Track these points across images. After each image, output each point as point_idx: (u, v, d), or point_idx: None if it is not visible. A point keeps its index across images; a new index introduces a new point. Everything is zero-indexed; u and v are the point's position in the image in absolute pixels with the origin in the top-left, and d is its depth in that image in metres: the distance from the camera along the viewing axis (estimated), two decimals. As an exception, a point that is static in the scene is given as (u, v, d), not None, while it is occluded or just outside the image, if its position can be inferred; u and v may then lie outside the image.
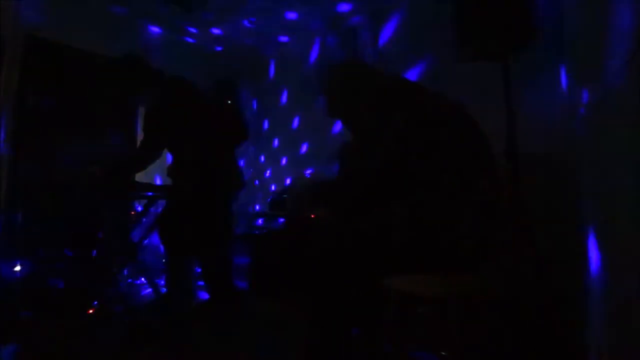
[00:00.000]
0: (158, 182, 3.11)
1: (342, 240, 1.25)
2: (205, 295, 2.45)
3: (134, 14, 3.20)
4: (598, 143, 1.19)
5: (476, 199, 1.11)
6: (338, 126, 3.30)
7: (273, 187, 3.90)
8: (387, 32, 3.02)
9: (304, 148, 3.66)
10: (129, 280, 2.81)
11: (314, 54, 3.63)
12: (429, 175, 1.11)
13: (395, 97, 1.23)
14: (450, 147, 1.11)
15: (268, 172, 4.05)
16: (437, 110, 1.18)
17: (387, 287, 1.21)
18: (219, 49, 3.93)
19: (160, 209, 2.39)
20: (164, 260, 2.04)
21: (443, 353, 1.46)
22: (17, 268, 2.20)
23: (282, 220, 3.14)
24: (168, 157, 2.27)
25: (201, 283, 2.45)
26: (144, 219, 2.51)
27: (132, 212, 2.72)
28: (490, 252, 1.20)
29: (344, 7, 3.10)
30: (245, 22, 3.36)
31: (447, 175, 1.11)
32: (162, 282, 2.52)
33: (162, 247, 2.09)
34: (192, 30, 3.54)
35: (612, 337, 1.10)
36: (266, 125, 4.12)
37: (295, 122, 3.79)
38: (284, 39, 3.72)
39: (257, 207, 4.09)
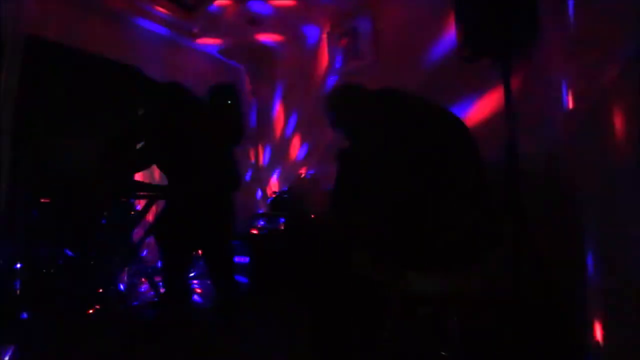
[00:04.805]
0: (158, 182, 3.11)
1: (341, 239, 1.26)
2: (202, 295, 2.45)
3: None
4: (598, 143, 1.19)
5: (466, 193, 1.14)
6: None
7: (273, 188, 3.90)
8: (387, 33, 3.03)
9: (303, 150, 3.67)
10: (129, 281, 2.81)
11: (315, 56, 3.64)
12: (424, 174, 1.15)
13: (388, 108, 1.33)
14: (441, 146, 1.19)
15: (268, 172, 4.05)
16: (424, 114, 1.29)
17: (387, 287, 1.21)
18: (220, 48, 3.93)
19: (159, 209, 2.39)
20: (160, 261, 2.03)
21: (443, 353, 1.46)
22: (17, 268, 2.20)
23: (282, 220, 3.14)
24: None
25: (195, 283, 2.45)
26: (144, 219, 2.52)
27: (132, 212, 2.72)
28: (489, 251, 1.20)
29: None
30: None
31: (441, 174, 1.15)
32: (161, 282, 2.52)
33: (159, 247, 2.09)
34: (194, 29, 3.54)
35: (611, 335, 1.10)
36: (265, 126, 4.13)
37: (294, 124, 3.80)
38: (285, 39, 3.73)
39: (257, 208, 4.09)
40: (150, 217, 2.70)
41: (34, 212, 2.34)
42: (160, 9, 3.18)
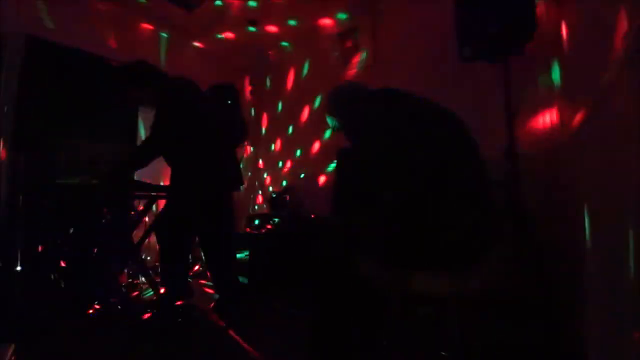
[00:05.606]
0: (159, 181, 3.11)
1: (341, 239, 1.26)
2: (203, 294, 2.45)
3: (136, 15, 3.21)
4: (598, 142, 1.19)
5: (466, 193, 1.14)
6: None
7: (273, 188, 3.90)
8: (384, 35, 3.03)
9: (303, 150, 3.67)
10: (129, 280, 2.81)
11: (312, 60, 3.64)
12: (425, 174, 1.15)
13: (389, 108, 1.35)
14: (441, 146, 1.19)
15: (268, 172, 4.05)
16: (425, 114, 1.30)
17: (387, 287, 1.21)
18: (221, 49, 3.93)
19: (160, 209, 2.39)
20: (160, 259, 2.06)
21: (443, 353, 1.46)
22: (17, 268, 2.20)
23: (281, 220, 3.14)
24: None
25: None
26: (144, 219, 2.52)
27: (132, 212, 2.72)
28: (489, 251, 1.20)
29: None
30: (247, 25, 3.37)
31: (441, 174, 1.15)
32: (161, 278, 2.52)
33: (159, 245, 2.10)
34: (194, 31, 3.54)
35: (610, 334, 1.10)
36: (265, 126, 4.13)
37: (294, 124, 3.80)
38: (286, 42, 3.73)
39: (257, 207, 4.09)
40: (150, 217, 2.70)
41: (34, 212, 2.34)
42: (160, 9, 3.18)
